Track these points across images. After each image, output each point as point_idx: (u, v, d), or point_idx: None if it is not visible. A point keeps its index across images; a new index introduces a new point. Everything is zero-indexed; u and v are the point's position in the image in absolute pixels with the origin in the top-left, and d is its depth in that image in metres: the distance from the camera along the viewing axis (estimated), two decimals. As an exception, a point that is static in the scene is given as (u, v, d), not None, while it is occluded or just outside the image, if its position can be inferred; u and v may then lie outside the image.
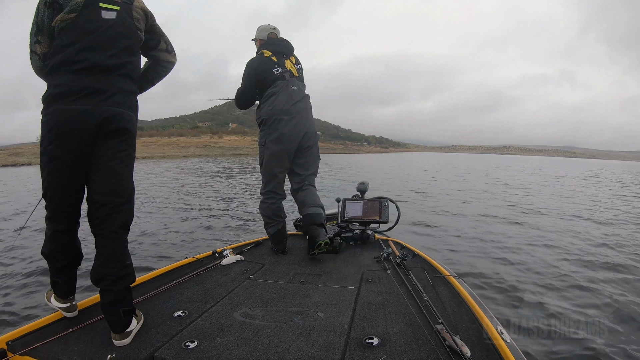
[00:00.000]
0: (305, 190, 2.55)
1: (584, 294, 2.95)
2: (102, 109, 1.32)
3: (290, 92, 2.43)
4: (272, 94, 2.41)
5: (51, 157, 1.31)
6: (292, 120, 2.39)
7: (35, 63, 1.43)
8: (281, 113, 2.38)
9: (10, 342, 1.30)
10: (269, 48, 2.50)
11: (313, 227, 2.37)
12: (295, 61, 2.57)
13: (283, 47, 2.54)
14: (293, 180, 2.60)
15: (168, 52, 1.65)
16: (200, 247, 4.33)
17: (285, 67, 2.47)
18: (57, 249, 1.42)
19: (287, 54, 2.54)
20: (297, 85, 2.48)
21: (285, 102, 2.39)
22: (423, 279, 1.89)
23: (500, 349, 1.21)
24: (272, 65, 2.44)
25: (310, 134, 2.50)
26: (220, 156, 35.30)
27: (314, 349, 1.26)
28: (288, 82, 2.43)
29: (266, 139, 2.43)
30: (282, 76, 2.43)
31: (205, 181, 13.27)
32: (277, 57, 2.48)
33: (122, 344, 1.30)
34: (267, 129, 2.42)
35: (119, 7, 1.40)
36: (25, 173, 16.67)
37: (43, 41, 1.38)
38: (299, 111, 2.45)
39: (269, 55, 2.46)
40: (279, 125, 2.37)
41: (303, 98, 2.51)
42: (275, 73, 2.43)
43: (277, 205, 2.51)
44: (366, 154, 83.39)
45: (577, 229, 5.69)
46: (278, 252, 2.50)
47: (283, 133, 2.37)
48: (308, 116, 2.51)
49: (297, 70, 2.54)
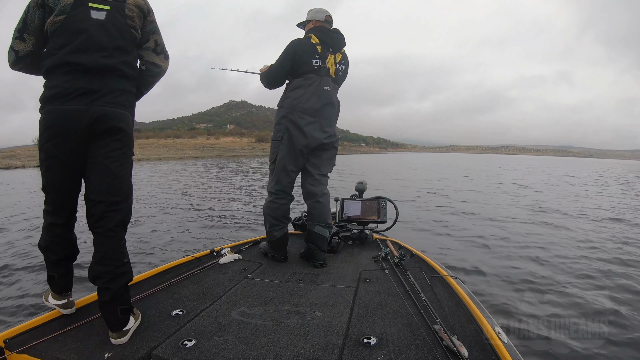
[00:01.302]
0: (318, 203, 2.33)
1: (583, 294, 2.95)
2: (94, 109, 1.32)
3: (321, 92, 2.21)
4: (299, 86, 2.21)
5: (48, 154, 1.34)
6: (314, 123, 2.21)
7: (11, 58, 1.41)
8: (304, 112, 2.19)
9: (8, 340, 1.30)
10: (318, 35, 2.25)
11: (313, 246, 2.29)
12: (340, 60, 2.32)
13: (333, 38, 2.27)
14: (306, 181, 2.38)
15: (156, 52, 1.55)
16: (198, 246, 4.32)
17: (325, 63, 2.24)
18: (53, 241, 1.44)
19: (334, 48, 2.28)
20: (330, 87, 2.25)
21: (313, 102, 2.19)
22: (421, 279, 1.90)
23: (497, 349, 1.22)
24: (314, 55, 2.20)
25: (331, 137, 2.31)
26: (217, 157, 35.28)
27: (312, 348, 1.26)
28: (321, 80, 2.21)
29: (283, 134, 2.23)
30: (317, 70, 2.21)
31: (203, 181, 13.26)
32: (323, 47, 2.23)
33: (119, 343, 1.30)
34: (286, 123, 2.22)
35: (110, 6, 1.39)
36: (18, 176, 16.35)
37: (28, 40, 1.37)
38: (327, 116, 2.26)
39: (314, 43, 2.22)
40: (300, 123, 2.18)
41: (333, 102, 2.28)
42: (313, 64, 2.20)
43: (288, 206, 2.33)
44: (365, 155, 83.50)
45: (583, 229, 5.69)
46: (279, 258, 2.33)
47: (304, 132, 2.19)
48: (331, 123, 2.31)
49: (335, 70, 2.29)
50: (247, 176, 15.62)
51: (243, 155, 37.69)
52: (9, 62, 1.44)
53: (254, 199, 8.52)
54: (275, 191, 2.29)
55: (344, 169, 20.49)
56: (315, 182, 2.34)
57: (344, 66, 2.36)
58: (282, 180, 2.27)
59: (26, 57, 1.39)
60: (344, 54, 2.35)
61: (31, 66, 1.42)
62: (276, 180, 2.28)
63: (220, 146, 48.62)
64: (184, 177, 14.96)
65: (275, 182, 2.29)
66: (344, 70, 2.37)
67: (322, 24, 2.32)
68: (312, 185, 2.34)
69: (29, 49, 1.38)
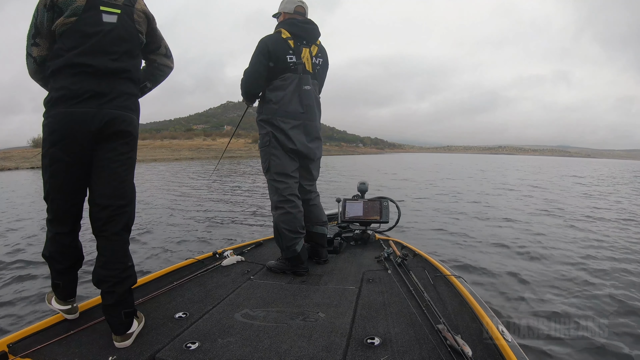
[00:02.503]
0: (312, 206, 2.30)
1: (585, 294, 2.96)
2: (103, 112, 1.32)
3: (302, 92, 2.06)
4: (278, 88, 2.04)
5: (53, 159, 1.32)
6: (298, 127, 2.08)
7: (31, 66, 1.41)
8: (286, 116, 2.05)
9: (12, 344, 1.29)
10: (288, 28, 2.05)
11: (315, 244, 2.30)
12: (316, 53, 2.13)
13: (305, 30, 2.08)
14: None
15: (167, 56, 1.64)
16: (201, 248, 4.31)
17: (301, 58, 2.06)
18: (58, 251, 1.42)
19: (308, 40, 2.09)
20: (310, 84, 2.09)
21: (295, 104, 2.06)
22: (424, 278, 1.90)
23: (501, 349, 1.22)
24: (287, 51, 2.02)
25: (316, 141, 2.19)
26: (213, 159, 35.16)
27: (315, 349, 1.26)
28: (300, 79, 2.05)
29: (270, 139, 2.08)
30: (293, 68, 2.04)
31: (202, 182, 13.24)
32: (295, 41, 2.05)
33: (123, 346, 1.30)
34: (268, 127, 2.08)
35: (120, 10, 1.39)
36: (7, 179, 16.15)
37: (41, 44, 1.37)
38: (310, 118, 2.11)
39: (285, 37, 2.03)
40: (284, 127, 2.05)
41: (315, 102, 2.14)
42: (287, 61, 2.02)
43: (302, 213, 2.15)
44: (363, 155, 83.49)
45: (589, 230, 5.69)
46: (302, 272, 2.09)
47: (289, 136, 2.06)
48: (316, 124, 2.17)
49: (312, 65, 2.11)
50: (247, 176, 15.60)
51: (239, 157, 37.61)
52: (29, 71, 1.44)
53: (253, 199, 8.52)
54: (284, 199, 2.09)
55: (344, 169, 20.46)
56: (306, 192, 2.28)
57: (322, 59, 2.18)
58: (290, 184, 2.11)
59: (44, 62, 1.38)
60: (320, 45, 2.18)
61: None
62: (282, 188, 2.09)
63: (217, 147, 48.37)
64: (182, 178, 14.94)
65: (281, 190, 2.09)
66: (322, 63, 2.19)
67: (291, 16, 2.13)
68: (303, 194, 2.26)
69: (44, 53, 1.37)
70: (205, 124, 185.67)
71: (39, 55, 1.38)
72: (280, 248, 2.15)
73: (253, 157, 39.05)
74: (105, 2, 1.36)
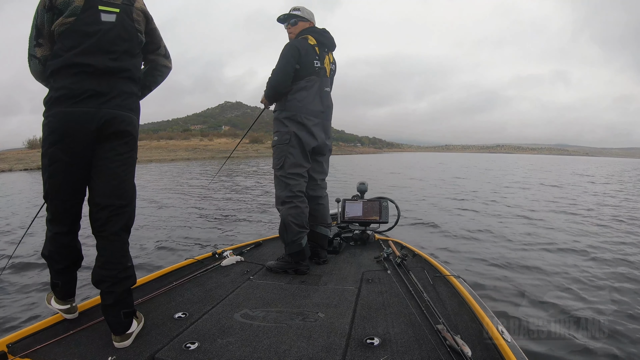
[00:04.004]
0: (320, 205, 2.38)
1: (585, 294, 2.96)
2: (103, 112, 1.31)
3: (323, 93, 2.24)
4: (302, 89, 2.18)
5: (52, 159, 1.31)
6: (318, 124, 2.23)
7: (35, 67, 1.41)
8: (309, 113, 2.19)
9: (11, 344, 1.29)
10: (316, 36, 2.25)
11: (315, 244, 2.33)
12: (332, 60, 2.36)
13: (329, 39, 2.31)
14: (308, 186, 2.33)
15: (166, 57, 1.64)
16: (200, 248, 4.30)
17: (323, 64, 2.25)
18: (57, 251, 1.41)
19: (329, 48, 2.32)
20: (329, 87, 2.31)
21: (317, 104, 2.22)
22: (423, 278, 1.91)
23: (501, 349, 1.22)
24: (314, 56, 2.20)
25: (330, 139, 2.36)
26: (210, 159, 35.06)
27: (315, 349, 1.26)
28: (322, 81, 2.24)
29: (291, 137, 2.17)
30: (317, 72, 2.22)
31: (201, 182, 13.21)
32: (320, 49, 2.25)
33: (122, 346, 1.30)
34: (291, 125, 2.17)
35: (119, 9, 1.39)
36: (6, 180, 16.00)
37: (44, 44, 1.37)
38: (327, 118, 2.30)
39: (313, 44, 2.22)
40: (308, 124, 2.18)
41: (331, 103, 2.34)
42: (314, 66, 2.19)
43: (308, 209, 2.25)
44: (361, 155, 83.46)
45: (587, 227, 5.70)
46: (304, 270, 2.15)
47: (312, 133, 2.19)
48: (330, 124, 2.35)
49: (330, 71, 2.33)
50: (247, 176, 15.58)
51: (236, 157, 37.54)
52: (33, 73, 1.43)
53: (253, 199, 8.51)
54: (295, 194, 2.19)
55: (344, 169, 20.43)
56: (317, 187, 2.37)
57: (335, 65, 2.40)
58: (300, 182, 2.21)
59: (46, 62, 1.38)
60: (333, 55, 2.41)
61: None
62: (292, 184, 2.18)
63: (214, 147, 48.03)
64: (180, 179, 14.90)
65: (291, 186, 2.18)
66: (335, 70, 2.41)
67: (313, 26, 2.34)
68: (313, 190, 2.35)
69: (48, 53, 1.37)
70: (203, 124, 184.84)
71: (43, 56, 1.38)
72: (284, 243, 2.20)
73: (251, 158, 38.96)
74: (103, 1, 1.35)
